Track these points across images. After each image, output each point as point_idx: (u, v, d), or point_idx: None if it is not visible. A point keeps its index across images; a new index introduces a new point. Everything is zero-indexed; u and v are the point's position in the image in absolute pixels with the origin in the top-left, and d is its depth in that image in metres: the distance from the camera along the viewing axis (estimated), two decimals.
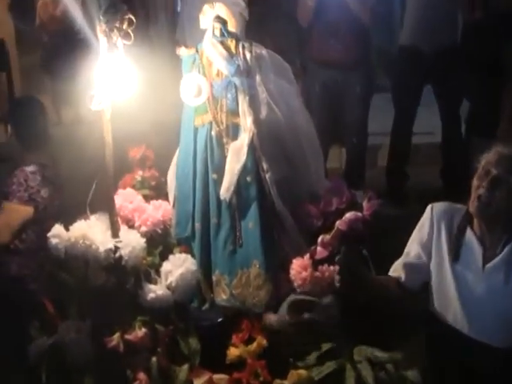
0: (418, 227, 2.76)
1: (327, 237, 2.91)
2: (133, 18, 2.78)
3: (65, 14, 6.35)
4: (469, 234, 2.61)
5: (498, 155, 2.51)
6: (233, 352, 2.86)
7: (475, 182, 2.55)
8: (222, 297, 3.02)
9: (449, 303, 2.63)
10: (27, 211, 3.37)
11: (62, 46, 6.21)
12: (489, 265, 2.57)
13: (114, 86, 2.82)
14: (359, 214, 2.94)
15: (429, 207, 2.74)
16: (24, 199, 3.46)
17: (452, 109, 4.91)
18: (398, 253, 3.88)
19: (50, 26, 6.53)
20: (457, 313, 2.61)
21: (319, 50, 4.72)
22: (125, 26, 2.78)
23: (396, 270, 2.78)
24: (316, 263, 2.88)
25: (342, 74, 4.73)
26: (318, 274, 2.85)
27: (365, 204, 2.97)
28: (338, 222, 2.93)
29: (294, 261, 2.89)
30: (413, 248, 2.75)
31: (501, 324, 2.54)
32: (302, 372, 2.71)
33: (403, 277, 2.74)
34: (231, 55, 3.01)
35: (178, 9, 4.93)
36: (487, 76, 4.42)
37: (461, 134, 4.94)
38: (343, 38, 4.64)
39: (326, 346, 2.75)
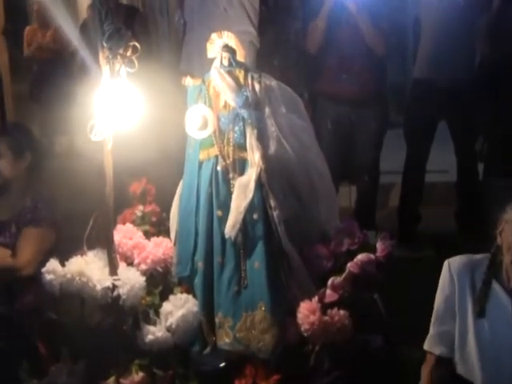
0: (439, 289, 2.69)
1: (338, 279, 2.92)
2: (137, 44, 2.82)
3: (54, 41, 6.47)
4: (495, 287, 2.55)
5: None
6: None
7: (508, 253, 2.47)
8: (224, 340, 3.02)
9: (473, 368, 2.57)
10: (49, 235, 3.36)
11: (51, 74, 6.30)
12: None
13: (116, 115, 2.84)
14: (372, 255, 2.95)
15: (445, 264, 2.68)
16: None
17: (467, 145, 4.95)
18: (409, 298, 3.90)
19: (38, 54, 6.62)
20: (481, 378, 2.54)
21: (331, 85, 4.74)
22: (129, 53, 2.80)
23: (433, 345, 2.68)
24: (325, 307, 2.89)
25: (355, 110, 4.76)
26: (326, 318, 2.86)
27: (378, 245, 2.99)
28: (349, 264, 2.94)
29: (302, 304, 2.90)
30: (440, 314, 2.67)
31: None
32: None
33: (445, 351, 2.65)
34: (239, 86, 3.04)
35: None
36: (506, 111, 4.47)
37: (477, 173, 4.97)
38: (357, 73, 4.68)
39: None
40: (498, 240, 2.54)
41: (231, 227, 2.97)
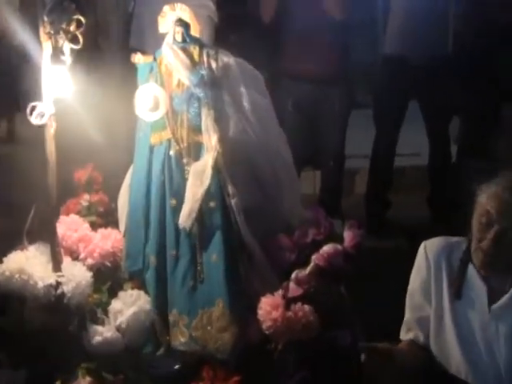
0: (414, 272, 2.73)
1: (302, 272, 2.91)
2: (82, 18, 2.77)
3: None
4: (471, 271, 2.60)
5: (499, 200, 2.47)
6: None
7: (476, 234, 2.53)
8: (179, 340, 2.99)
9: (450, 351, 2.62)
10: None
11: None
12: (495, 305, 2.56)
13: (58, 96, 2.80)
14: (339, 246, 2.94)
15: (422, 246, 2.72)
16: None
17: (440, 127, 4.98)
18: (379, 291, 3.91)
19: None
20: (459, 361, 2.60)
21: (292, 63, 4.74)
22: (72, 28, 2.77)
23: (410, 328, 2.73)
24: (289, 302, 2.87)
25: (317, 89, 4.77)
26: (290, 314, 2.84)
27: (346, 235, 2.98)
28: (314, 256, 2.93)
29: (263, 299, 2.88)
30: (417, 298, 2.71)
31: (510, 371, 2.54)
32: None
33: (421, 336, 2.70)
34: (194, 64, 3.01)
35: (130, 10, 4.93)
36: (482, 91, 4.50)
37: (450, 156, 5.01)
38: (319, 49, 4.68)
39: None
40: (473, 218, 2.58)
41: (186, 217, 2.94)
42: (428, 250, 2.68)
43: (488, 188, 2.52)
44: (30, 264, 2.93)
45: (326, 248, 2.94)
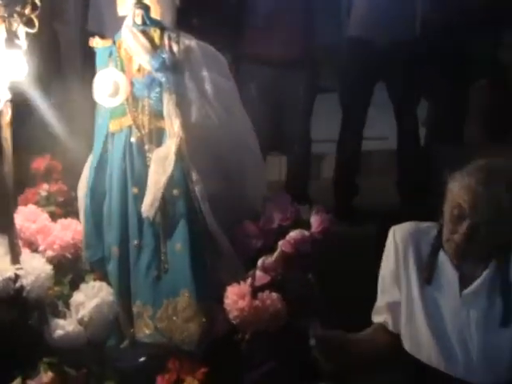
0: (384, 257, 2.72)
1: (269, 259, 2.91)
2: (37, 1, 2.73)
3: None
4: (442, 257, 2.59)
5: (473, 194, 2.43)
6: None
7: (449, 224, 2.51)
8: (144, 332, 2.99)
9: (420, 338, 2.61)
10: None
11: None
12: (466, 291, 2.55)
13: (13, 81, 2.77)
14: (306, 232, 2.94)
15: (391, 232, 2.70)
16: None
17: (408, 110, 5.00)
18: (349, 279, 3.92)
19: None
20: (430, 348, 2.59)
21: (255, 47, 4.73)
22: (27, 11, 2.74)
23: (379, 312, 2.72)
24: (256, 290, 2.87)
25: (281, 73, 4.76)
26: (257, 303, 2.85)
27: (313, 220, 2.98)
28: (281, 243, 2.93)
29: (230, 288, 2.88)
30: (387, 283, 2.70)
31: (483, 358, 2.54)
32: None
33: (390, 321, 2.69)
34: (155, 47, 2.99)
35: None
36: (450, 73, 4.52)
37: (419, 139, 5.03)
38: (282, 32, 4.67)
39: None
40: (444, 205, 2.56)
41: (149, 206, 2.93)
42: (396, 235, 2.67)
43: (461, 178, 2.47)
44: None
45: (293, 234, 2.94)
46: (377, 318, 2.73)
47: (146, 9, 3.01)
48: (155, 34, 3.02)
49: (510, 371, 2.51)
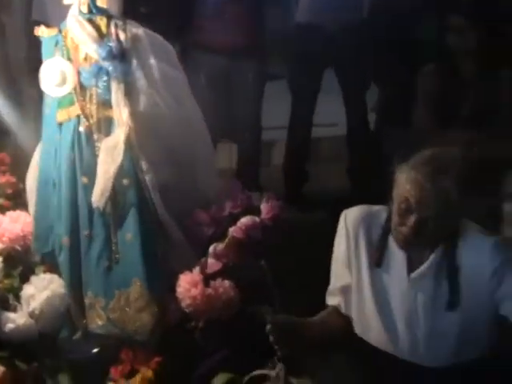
0: (336, 240, 2.74)
1: (220, 246, 2.92)
2: None
3: None
4: (391, 240, 2.61)
5: (420, 189, 2.43)
6: None
7: (396, 216, 2.51)
8: (97, 323, 2.98)
9: (369, 321, 2.64)
10: None
11: None
12: (414, 274, 2.57)
13: None
14: (257, 218, 2.95)
15: (342, 216, 2.71)
16: None
17: (357, 95, 5.02)
18: (301, 265, 3.94)
19: None
20: (378, 331, 2.62)
21: (203, 34, 4.71)
22: None
23: (334, 295, 2.74)
24: (208, 278, 2.88)
25: (230, 60, 4.75)
26: (210, 290, 2.85)
27: (263, 207, 2.99)
28: (232, 229, 2.94)
29: (182, 276, 2.88)
30: (339, 266, 2.72)
31: (429, 341, 2.57)
32: None
33: (343, 304, 2.71)
34: (102, 36, 2.97)
35: None
36: (398, 58, 4.55)
37: (368, 124, 5.06)
38: (230, 19, 4.65)
39: (223, 378, 2.75)
40: (393, 193, 2.57)
41: (99, 195, 2.91)
42: (347, 218, 2.69)
43: (407, 171, 2.47)
44: None
45: (244, 220, 2.95)
46: (331, 301, 2.75)
47: None
48: (102, 22, 2.99)
49: (455, 354, 2.56)
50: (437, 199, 2.41)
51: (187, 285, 2.86)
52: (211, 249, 2.94)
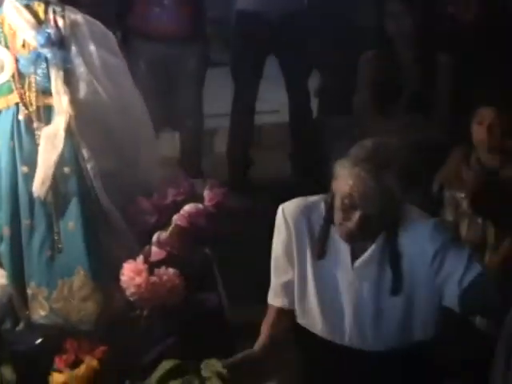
0: (275, 236, 2.70)
1: (164, 234, 2.91)
2: None
3: None
4: (334, 231, 2.59)
5: (363, 186, 2.42)
6: (56, 379, 2.78)
7: (339, 211, 2.50)
8: (40, 313, 2.95)
9: (313, 316, 2.63)
10: None
11: None
12: (357, 262, 2.57)
13: None
14: (200, 206, 2.95)
15: (279, 210, 2.68)
16: None
17: (299, 81, 5.05)
18: (245, 253, 3.96)
19: None
20: (323, 322, 2.62)
21: (143, 21, 4.69)
22: None
23: (276, 294, 2.70)
24: (152, 266, 2.86)
25: (171, 47, 4.74)
26: (154, 278, 2.84)
27: (206, 194, 2.99)
28: (175, 217, 2.93)
29: (126, 265, 2.86)
30: (281, 262, 2.69)
31: (375, 327, 2.57)
32: None
33: (287, 302, 2.68)
34: (40, 22, 2.93)
35: None
36: (338, 44, 4.58)
37: (311, 110, 5.09)
38: (170, 6, 4.64)
39: (167, 365, 2.74)
40: (333, 186, 2.56)
41: (40, 184, 2.88)
42: (286, 213, 2.65)
43: (350, 165, 2.45)
44: None
45: (187, 208, 2.95)
46: (275, 302, 2.71)
47: None
48: (39, 8, 2.95)
49: (402, 338, 2.58)
50: (381, 197, 2.42)
51: (131, 273, 2.85)
52: (155, 237, 2.93)
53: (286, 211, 2.66)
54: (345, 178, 2.46)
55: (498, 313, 2.48)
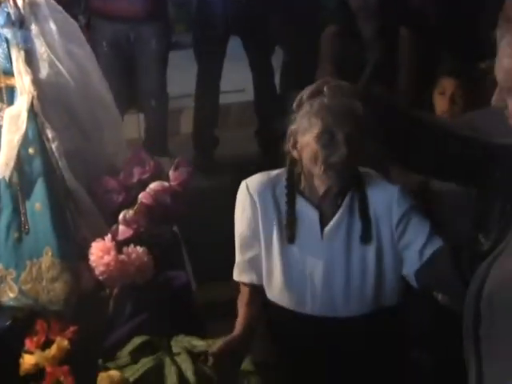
0: (238, 213, 2.69)
1: (130, 213, 2.91)
2: None
3: None
4: (299, 200, 2.60)
5: (334, 104, 2.43)
6: (27, 360, 2.76)
7: (316, 160, 2.48)
8: (8, 296, 2.93)
9: (280, 284, 2.63)
10: None
11: None
12: (328, 227, 2.58)
13: None
14: (166, 184, 2.95)
15: (243, 186, 2.68)
16: None
17: (263, 59, 5.05)
18: (213, 231, 3.96)
19: None
20: (291, 293, 2.62)
21: (104, 2, 4.67)
22: None
23: (243, 272, 2.69)
24: (120, 245, 2.87)
25: (133, 28, 4.72)
26: (123, 257, 2.85)
27: (171, 173, 2.99)
28: (141, 195, 2.93)
29: (94, 244, 2.86)
30: (244, 239, 2.68)
31: (347, 292, 2.59)
32: (114, 374, 2.68)
33: (255, 278, 2.67)
34: None
35: None
36: (302, 20, 4.59)
37: (275, 87, 5.10)
38: None
39: (138, 340, 2.75)
40: (294, 153, 2.58)
41: (4, 166, 2.87)
42: (250, 188, 2.65)
43: (312, 105, 2.45)
44: None
45: (152, 185, 2.96)
46: (243, 278, 2.71)
47: None
48: None
49: (370, 302, 2.60)
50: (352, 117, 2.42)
51: (100, 252, 2.84)
52: (121, 216, 2.93)
53: (250, 186, 2.66)
54: (312, 122, 2.47)
55: (458, 289, 2.49)
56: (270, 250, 2.64)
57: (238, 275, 2.72)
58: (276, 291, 2.66)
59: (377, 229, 2.59)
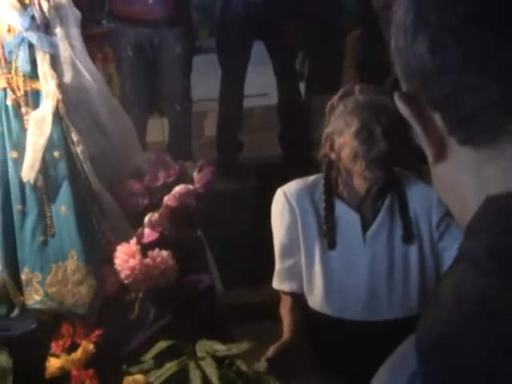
0: (277, 221, 2.66)
1: (155, 215, 2.90)
2: None
3: None
4: (338, 205, 2.58)
5: (370, 101, 2.46)
6: (53, 363, 2.78)
7: (355, 159, 2.46)
8: (34, 299, 2.92)
9: (322, 291, 2.60)
10: None
11: None
12: (370, 232, 2.56)
13: None
14: (190, 186, 2.94)
15: (279, 193, 2.65)
16: None
17: (287, 63, 5.05)
18: (238, 234, 3.95)
19: None
20: (333, 299, 2.59)
21: (126, 5, 4.68)
22: None
23: (283, 280, 2.68)
24: (145, 248, 2.86)
25: (156, 32, 4.73)
26: (148, 260, 2.83)
27: (196, 175, 2.98)
28: (166, 198, 2.92)
29: (119, 248, 2.85)
30: (284, 247, 2.66)
31: (396, 293, 2.56)
32: (139, 378, 2.68)
33: (296, 286, 2.66)
34: (24, 5, 2.89)
35: None
36: (325, 26, 4.58)
37: (299, 92, 5.09)
38: None
39: (162, 344, 2.74)
40: (332, 156, 2.56)
41: (29, 169, 2.85)
42: (288, 195, 2.61)
43: (347, 105, 2.48)
44: None
45: (177, 188, 2.94)
46: (283, 286, 2.69)
47: None
48: None
49: (415, 305, 2.57)
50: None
51: (125, 256, 2.83)
52: (147, 218, 2.92)
53: (288, 193, 2.63)
54: (350, 118, 2.46)
55: None
56: (310, 257, 2.61)
57: (278, 284, 2.70)
58: (318, 298, 2.63)
59: (417, 229, 2.57)
